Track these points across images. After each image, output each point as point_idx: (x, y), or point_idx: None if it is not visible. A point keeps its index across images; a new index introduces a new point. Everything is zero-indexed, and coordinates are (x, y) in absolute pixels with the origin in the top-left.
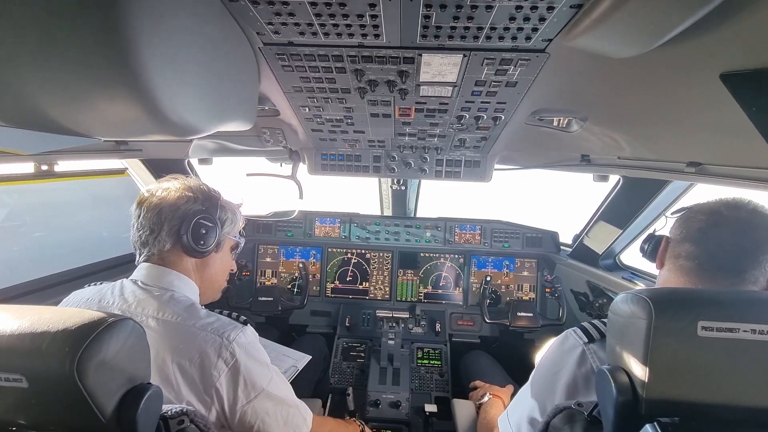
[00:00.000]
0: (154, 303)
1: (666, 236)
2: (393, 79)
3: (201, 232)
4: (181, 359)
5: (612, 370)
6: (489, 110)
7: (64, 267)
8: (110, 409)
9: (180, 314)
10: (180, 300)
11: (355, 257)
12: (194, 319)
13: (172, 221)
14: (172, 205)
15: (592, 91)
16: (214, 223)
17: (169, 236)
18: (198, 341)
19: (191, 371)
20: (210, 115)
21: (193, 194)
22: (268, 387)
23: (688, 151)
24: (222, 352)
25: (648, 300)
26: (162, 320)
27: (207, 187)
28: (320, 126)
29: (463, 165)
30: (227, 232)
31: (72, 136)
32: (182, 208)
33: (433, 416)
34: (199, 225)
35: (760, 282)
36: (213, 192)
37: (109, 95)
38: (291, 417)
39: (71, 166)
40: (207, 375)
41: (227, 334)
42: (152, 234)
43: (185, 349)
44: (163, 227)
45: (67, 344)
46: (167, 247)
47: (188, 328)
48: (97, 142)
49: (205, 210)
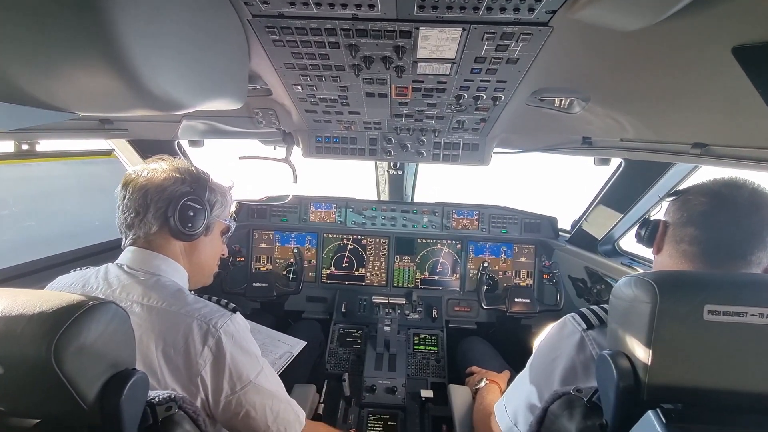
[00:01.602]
0: (139, 288)
1: (663, 220)
2: (389, 56)
3: (189, 215)
4: (166, 346)
5: (613, 355)
6: (489, 89)
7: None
8: (92, 396)
9: (166, 300)
10: (166, 285)
11: (352, 243)
12: (180, 305)
13: (158, 203)
14: (158, 186)
15: (596, 68)
16: (202, 206)
17: (155, 219)
18: (183, 328)
19: (176, 359)
20: (195, 90)
21: (180, 175)
22: (256, 380)
23: (694, 131)
24: (208, 339)
25: (653, 283)
26: (147, 306)
27: (195, 169)
28: (314, 106)
29: (462, 148)
30: (217, 215)
31: (48, 110)
32: (169, 189)
33: (429, 401)
34: (186, 207)
35: (764, 263)
36: (201, 174)
37: (83, 64)
38: (282, 413)
39: (54, 146)
40: (192, 363)
41: (214, 322)
42: (138, 216)
43: (170, 335)
44: (149, 209)
45: (43, 328)
46: (154, 230)
47: (174, 314)
48: (79, 119)
49: (193, 192)
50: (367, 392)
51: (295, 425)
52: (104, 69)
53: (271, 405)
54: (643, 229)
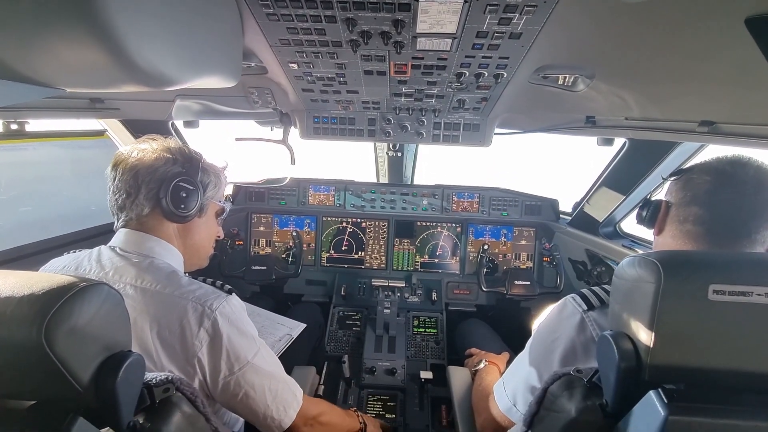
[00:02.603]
0: (132, 270)
1: (665, 201)
2: (387, 30)
3: (181, 196)
4: (161, 329)
5: (615, 336)
6: (490, 66)
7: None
8: (87, 378)
9: (160, 282)
10: (160, 267)
11: (351, 226)
12: (175, 287)
13: (150, 184)
14: (149, 167)
15: (602, 43)
16: (195, 187)
17: (147, 200)
18: (179, 310)
19: (172, 341)
20: (185, 66)
21: (172, 155)
22: (254, 360)
23: (701, 109)
24: (204, 321)
25: (657, 263)
26: (141, 288)
27: (188, 149)
28: (311, 85)
29: (462, 128)
30: (210, 196)
31: (31, 86)
32: (160, 170)
33: (429, 383)
34: (178, 188)
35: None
36: (194, 154)
37: (65, 34)
38: (280, 392)
39: (44, 126)
40: (189, 345)
41: (209, 303)
42: (129, 197)
43: (165, 318)
44: (141, 190)
45: (32, 310)
46: (146, 212)
47: (168, 296)
48: (69, 98)
49: (185, 172)
50: (367, 374)
51: (293, 404)
52: (87, 40)
53: (269, 385)
54: (645, 210)
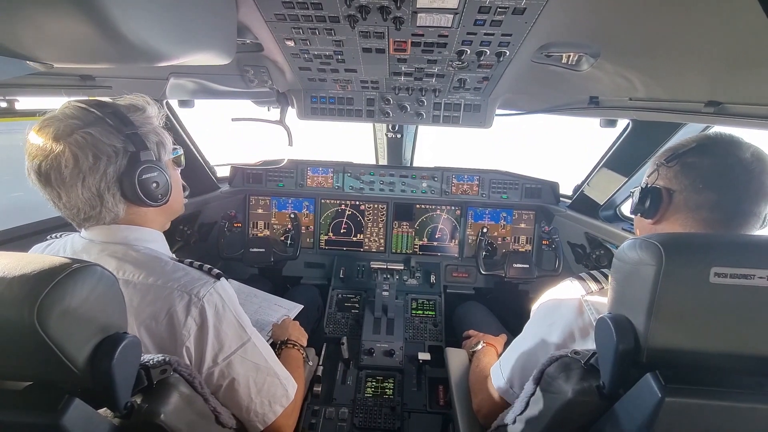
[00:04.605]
0: (112, 262)
1: (666, 188)
2: (386, 5)
3: (152, 187)
4: (147, 319)
5: (614, 318)
6: (493, 44)
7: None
8: (82, 360)
9: (142, 271)
10: (140, 255)
11: (349, 209)
12: (158, 276)
13: (110, 190)
14: (93, 173)
15: (608, 19)
16: (157, 168)
17: (116, 204)
18: (164, 300)
19: (159, 332)
20: (176, 40)
21: (106, 144)
22: (242, 350)
23: (708, 88)
24: (191, 309)
25: (659, 245)
26: (123, 280)
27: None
28: (308, 63)
29: (463, 109)
30: (165, 158)
31: (19, 61)
32: (110, 171)
33: (426, 364)
34: (145, 181)
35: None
36: (122, 123)
37: (49, 5)
38: (268, 386)
39: (34, 104)
40: (177, 335)
41: (196, 291)
42: (94, 209)
43: (151, 309)
44: (105, 199)
45: (24, 291)
46: (122, 214)
47: (152, 286)
48: (59, 76)
49: (137, 156)
50: (366, 355)
51: (282, 400)
52: (72, 11)
53: (255, 377)
54: (647, 199)
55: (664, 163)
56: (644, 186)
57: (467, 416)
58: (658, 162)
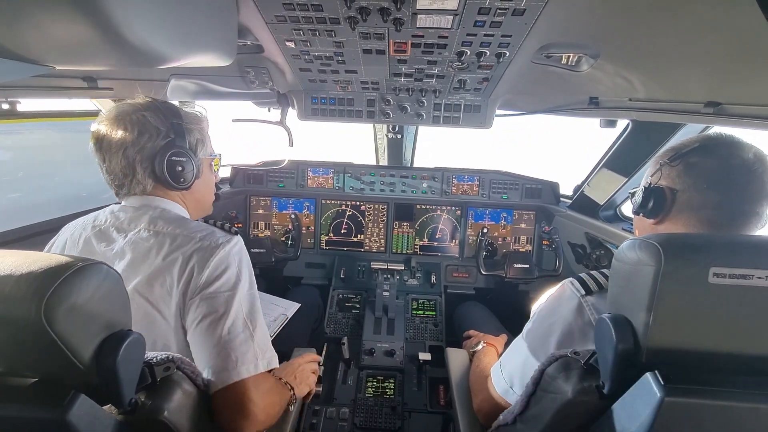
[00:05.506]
0: (145, 217)
1: (669, 187)
2: (386, 6)
3: (177, 170)
4: (175, 261)
5: (613, 318)
6: (492, 45)
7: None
8: (88, 356)
9: (171, 225)
10: (171, 215)
11: (350, 209)
12: (185, 228)
13: (143, 163)
14: (135, 144)
15: (607, 20)
16: (188, 156)
17: (144, 178)
18: (190, 246)
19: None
20: (178, 43)
21: (152, 125)
22: (230, 293)
23: (708, 89)
24: (211, 251)
25: (658, 245)
26: (154, 231)
27: (163, 110)
28: (308, 65)
29: (463, 110)
30: (202, 155)
31: (21, 63)
32: (147, 146)
33: (427, 364)
34: (173, 163)
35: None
36: (172, 115)
37: (50, 7)
38: (241, 342)
39: (36, 106)
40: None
41: (216, 239)
42: (126, 178)
43: (176, 252)
44: (136, 170)
45: (31, 289)
46: (149, 188)
47: (179, 234)
48: (61, 78)
49: (173, 141)
50: (366, 355)
51: (249, 366)
52: (73, 13)
53: (230, 326)
54: (650, 199)
55: (667, 163)
56: (647, 185)
57: (468, 416)
58: (661, 161)
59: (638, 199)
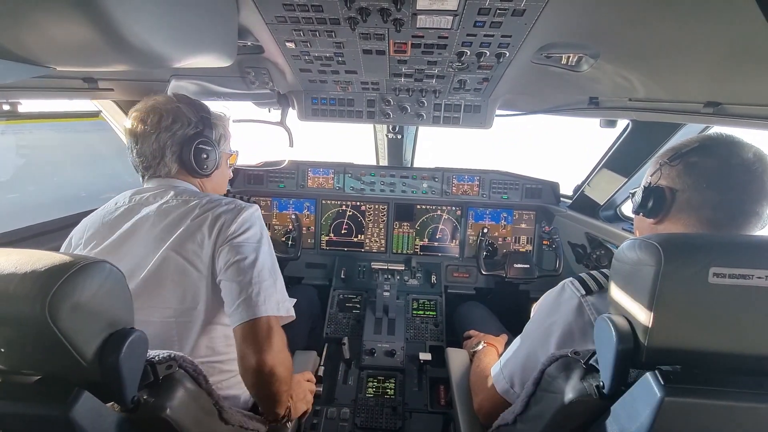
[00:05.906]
0: (171, 191)
1: (669, 187)
2: (386, 7)
3: (202, 157)
4: (205, 220)
5: (613, 318)
6: (492, 45)
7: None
8: (91, 354)
9: (196, 196)
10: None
11: (350, 210)
12: (211, 198)
13: (172, 147)
14: (167, 130)
15: (607, 21)
16: (212, 146)
17: (172, 162)
18: (218, 209)
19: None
20: (179, 44)
21: (185, 116)
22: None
23: (707, 89)
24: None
25: (658, 246)
26: (183, 200)
27: (195, 104)
28: (308, 65)
29: (463, 110)
30: (224, 148)
31: (21, 65)
32: (178, 134)
33: (427, 364)
34: (200, 150)
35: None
36: (202, 110)
37: (51, 9)
38: (267, 286)
39: (37, 107)
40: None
41: (239, 205)
42: (155, 159)
43: (208, 213)
44: (165, 154)
45: (36, 286)
46: (173, 172)
47: (207, 202)
48: (62, 78)
49: (202, 132)
50: (367, 355)
51: (273, 307)
52: (73, 15)
53: (259, 270)
54: (650, 198)
55: (667, 162)
56: (647, 185)
57: (468, 416)
58: (661, 161)
59: (638, 199)
